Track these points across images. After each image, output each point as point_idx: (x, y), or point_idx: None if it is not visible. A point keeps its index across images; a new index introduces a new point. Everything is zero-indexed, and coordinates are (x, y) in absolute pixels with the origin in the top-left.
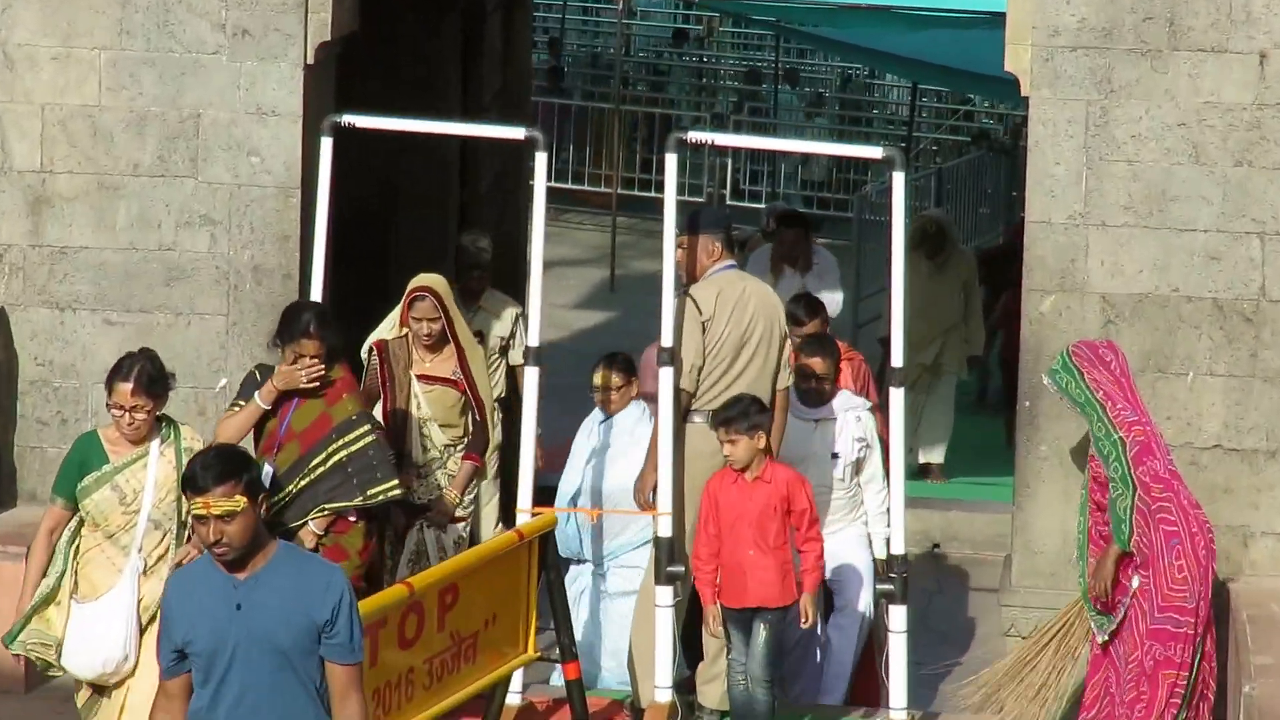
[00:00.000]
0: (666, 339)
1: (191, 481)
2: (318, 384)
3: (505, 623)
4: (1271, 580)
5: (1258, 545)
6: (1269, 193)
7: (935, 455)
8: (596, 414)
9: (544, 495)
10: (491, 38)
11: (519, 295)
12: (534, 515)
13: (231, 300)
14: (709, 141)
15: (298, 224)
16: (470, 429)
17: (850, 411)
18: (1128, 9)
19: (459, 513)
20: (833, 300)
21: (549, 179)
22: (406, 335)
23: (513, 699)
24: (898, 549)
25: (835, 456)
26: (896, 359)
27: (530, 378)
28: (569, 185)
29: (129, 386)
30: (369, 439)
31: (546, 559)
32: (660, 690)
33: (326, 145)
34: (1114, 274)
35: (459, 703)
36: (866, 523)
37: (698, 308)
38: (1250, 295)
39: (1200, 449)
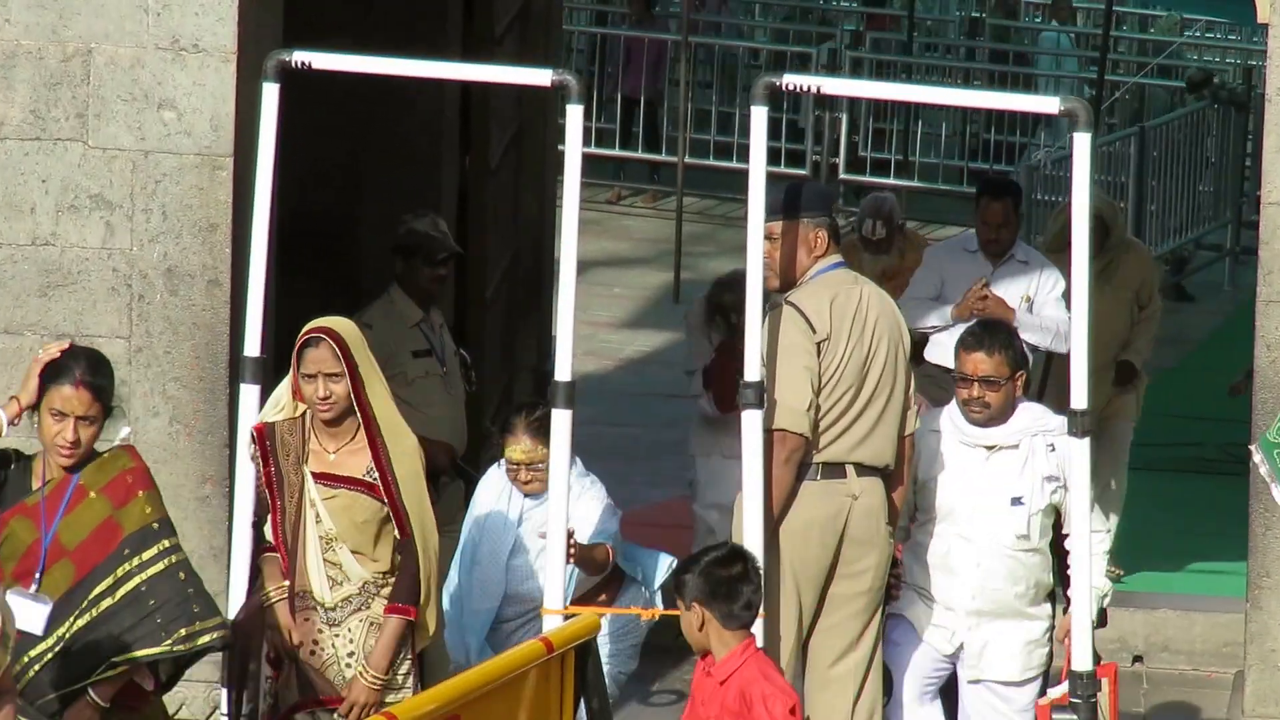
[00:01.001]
0: (753, 370)
1: None
2: (57, 356)
3: None
4: None
5: None
6: None
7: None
8: (498, 479)
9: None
10: None
11: (544, 307)
12: (568, 618)
13: (135, 315)
14: (813, 89)
15: (229, 207)
16: (397, 561)
17: (1041, 437)
18: None
19: (390, 697)
20: (1052, 330)
21: (587, 143)
22: (303, 415)
23: None
24: (1082, 664)
25: (1017, 503)
26: (1079, 399)
27: (561, 424)
28: (616, 151)
29: None
30: (176, 557)
31: (587, 677)
32: None
33: (271, 94)
34: None
35: None
36: (1058, 604)
37: (809, 323)
38: None
39: None
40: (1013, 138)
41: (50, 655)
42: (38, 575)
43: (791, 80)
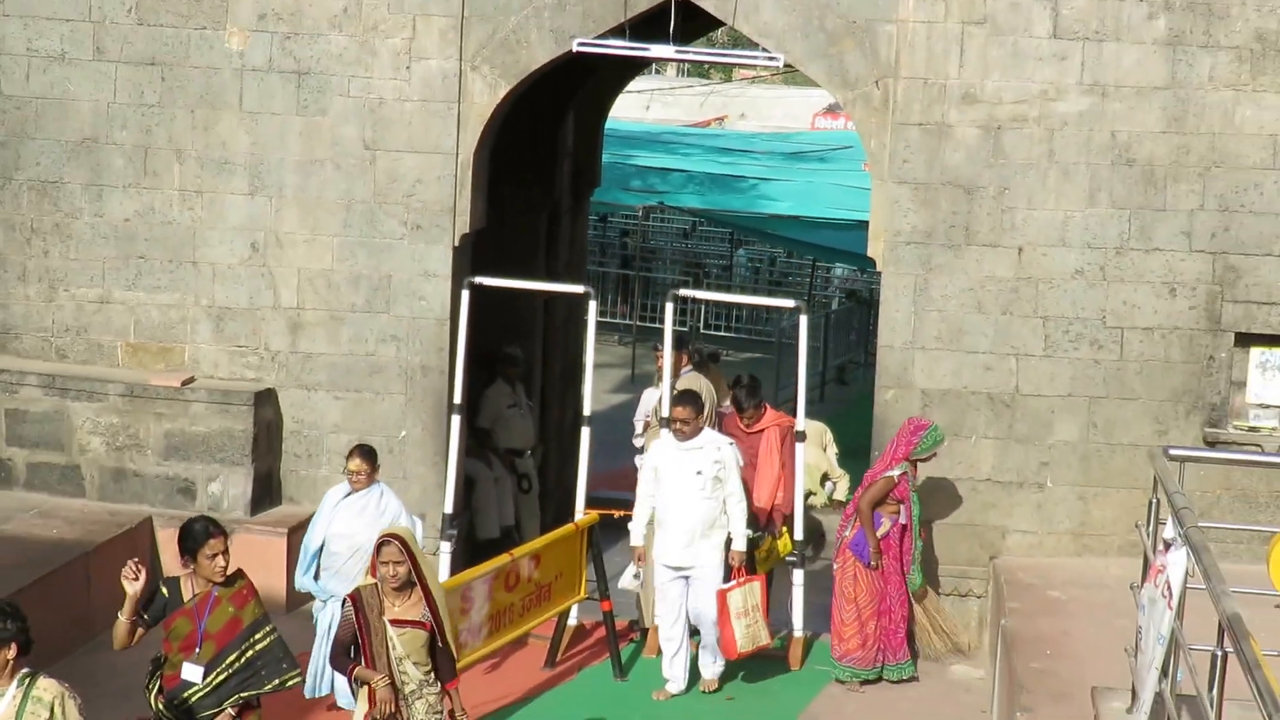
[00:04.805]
0: (665, 410)
1: None
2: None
3: (567, 577)
4: (1019, 559)
5: (1011, 538)
6: (1021, 332)
7: (840, 494)
8: (343, 490)
9: (593, 503)
10: (564, 228)
11: (577, 383)
12: (585, 514)
13: (408, 386)
14: (693, 295)
15: (448, 340)
16: (437, 662)
17: (712, 445)
18: (941, 220)
19: None
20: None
21: (597, 316)
22: (376, 584)
23: (571, 621)
24: (799, 537)
25: (699, 474)
26: (800, 424)
27: (585, 435)
28: (608, 319)
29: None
30: (273, 636)
31: (592, 540)
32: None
33: (465, 295)
34: (930, 377)
35: (540, 623)
36: (729, 531)
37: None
38: (1009, 391)
39: (978, 481)
40: (772, 316)
41: (201, 694)
42: (197, 650)
43: (684, 291)
